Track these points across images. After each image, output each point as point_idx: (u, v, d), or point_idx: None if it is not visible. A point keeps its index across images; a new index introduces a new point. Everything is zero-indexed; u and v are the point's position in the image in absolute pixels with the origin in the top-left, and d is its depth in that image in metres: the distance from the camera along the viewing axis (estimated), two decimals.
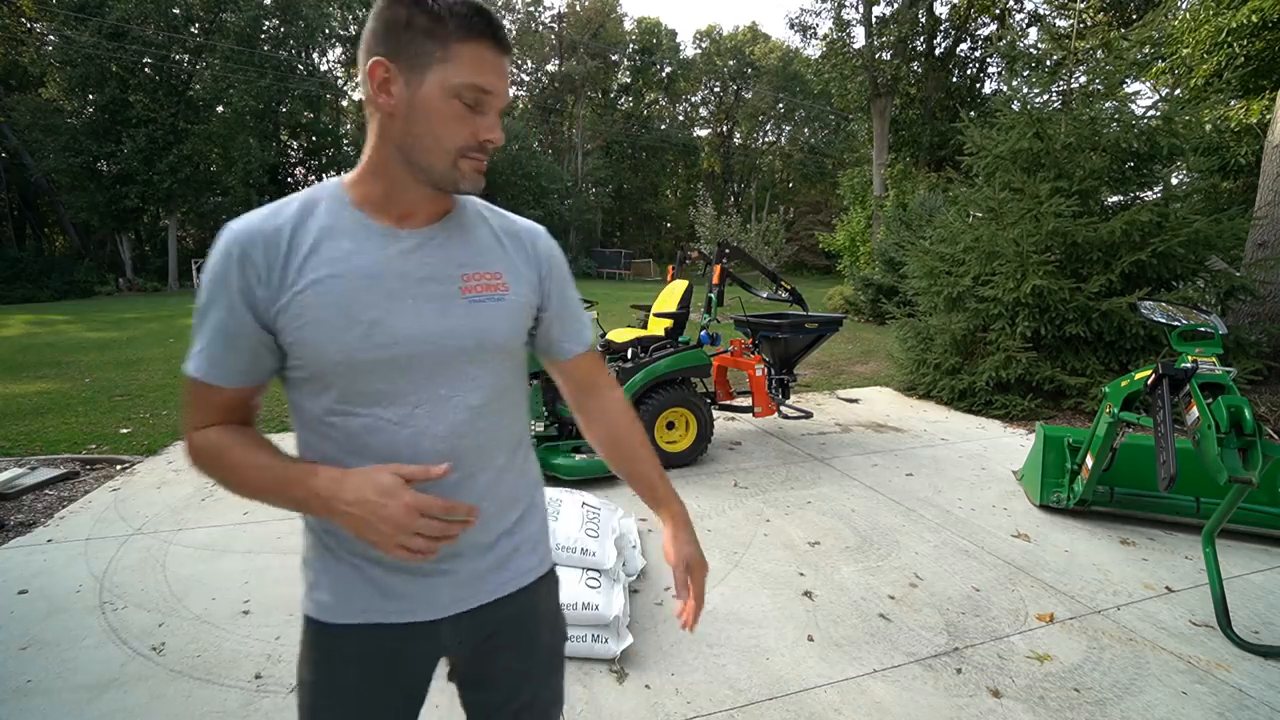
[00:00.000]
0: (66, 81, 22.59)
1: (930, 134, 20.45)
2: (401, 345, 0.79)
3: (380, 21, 0.74)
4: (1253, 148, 9.12)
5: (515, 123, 33.47)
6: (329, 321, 0.77)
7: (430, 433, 0.82)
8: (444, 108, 0.75)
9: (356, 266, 0.78)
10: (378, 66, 0.74)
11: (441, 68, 0.73)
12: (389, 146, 0.78)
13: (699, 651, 2.19)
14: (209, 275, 0.78)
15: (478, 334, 0.84)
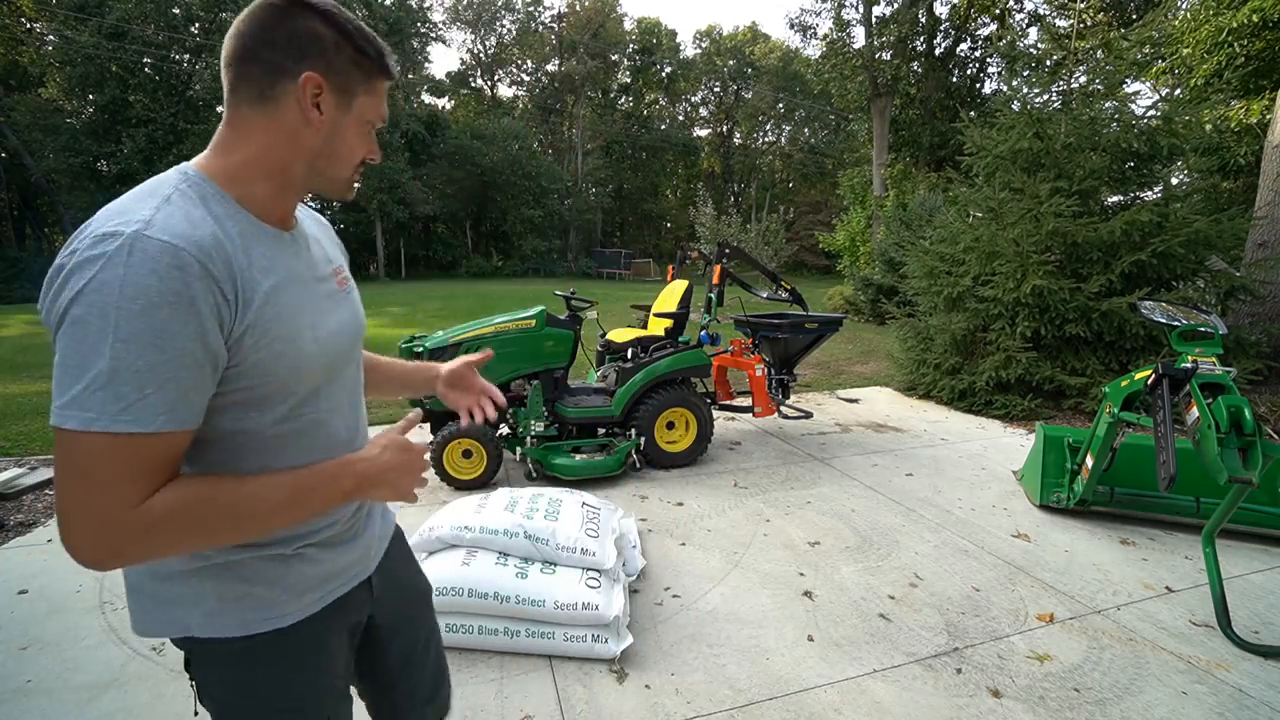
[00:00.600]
0: (66, 81, 22.61)
1: (930, 134, 20.44)
2: (333, 341, 0.85)
3: (296, 30, 0.74)
4: (1253, 148, 9.11)
5: (515, 123, 33.50)
6: (290, 335, 0.77)
7: (343, 412, 0.90)
8: (360, 131, 0.82)
9: (282, 271, 0.78)
10: (310, 82, 0.75)
11: (366, 99, 0.81)
12: (301, 154, 0.79)
13: (699, 651, 2.19)
14: (151, 294, 0.63)
15: (359, 319, 0.95)
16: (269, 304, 0.74)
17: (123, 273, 0.63)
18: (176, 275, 0.65)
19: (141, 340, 0.63)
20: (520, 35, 38.66)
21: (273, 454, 0.80)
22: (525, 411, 3.78)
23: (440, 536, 2.32)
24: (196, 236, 0.68)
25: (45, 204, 25.63)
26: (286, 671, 0.86)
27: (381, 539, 1.04)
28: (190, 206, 0.71)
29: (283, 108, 0.76)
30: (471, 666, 2.10)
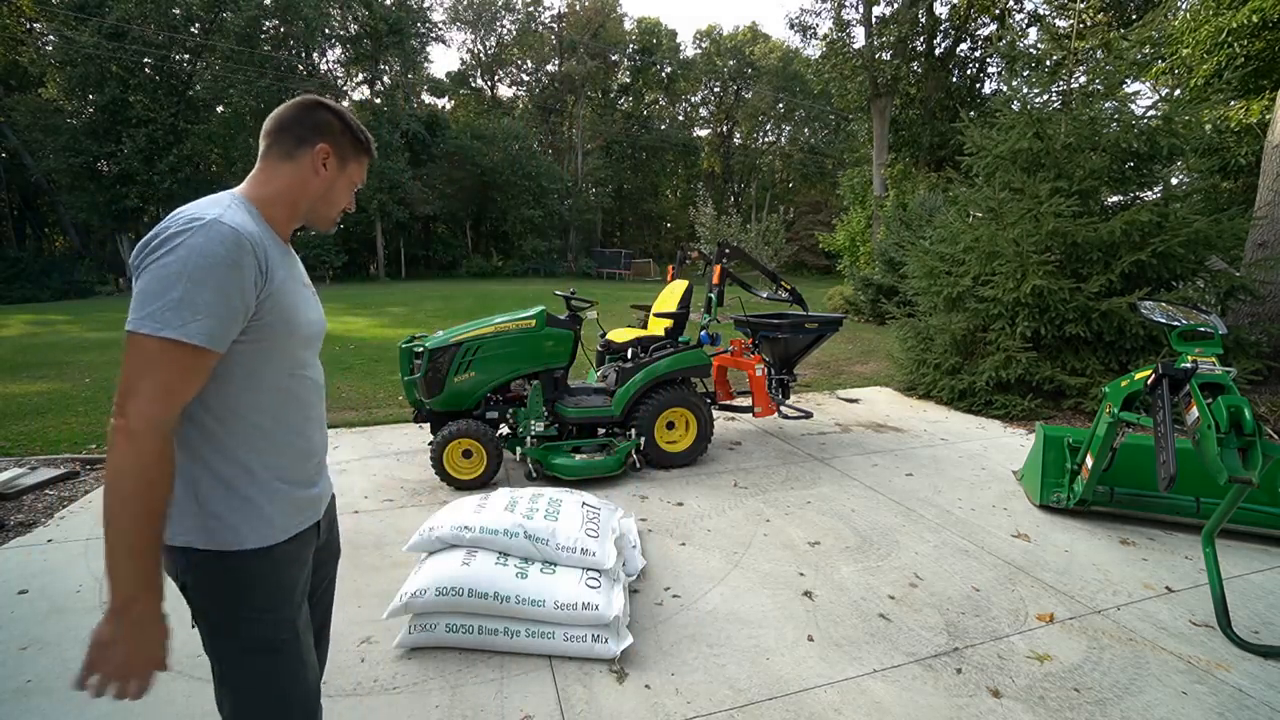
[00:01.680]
0: (66, 81, 22.60)
1: (930, 134, 20.43)
2: (317, 324, 1.22)
3: (318, 118, 1.16)
4: (1253, 148, 9.11)
5: (515, 123, 33.50)
6: (289, 312, 1.10)
7: (316, 381, 1.22)
8: (345, 188, 1.22)
9: (285, 270, 1.12)
10: (322, 151, 1.16)
11: (354, 166, 1.22)
12: (306, 195, 1.16)
13: (699, 651, 2.19)
14: (219, 257, 0.96)
15: (322, 315, 1.26)
16: (281, 287, 1.07)
17: (202, 241, 0.95)
18: (235, 249, 0.97)
19: (205, 284, 0.94)
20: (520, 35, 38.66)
21: (274, 394, 1.11)
22: (525, 411, 3.78)
23: (440, 536, 2.32)
24: (250, 229, 1.02)
25: (45, 204, 25.64)
26: (270, 581, 1.11)
27: (329, 493, 1.30)
28: (243, 213, 1.05)
29: (301, 164, 1.15)
30: (471, 666, 2.10)
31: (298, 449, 1.16)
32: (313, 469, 1.21)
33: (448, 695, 1.98)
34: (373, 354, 8.88)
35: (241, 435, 1.07)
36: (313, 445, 1.20)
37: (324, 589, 1.37)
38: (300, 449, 1.17)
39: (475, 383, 3.71)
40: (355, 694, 1.97)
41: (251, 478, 1.08)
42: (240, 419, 1.06)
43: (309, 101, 1.16)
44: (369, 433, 4.94)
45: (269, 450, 1.11)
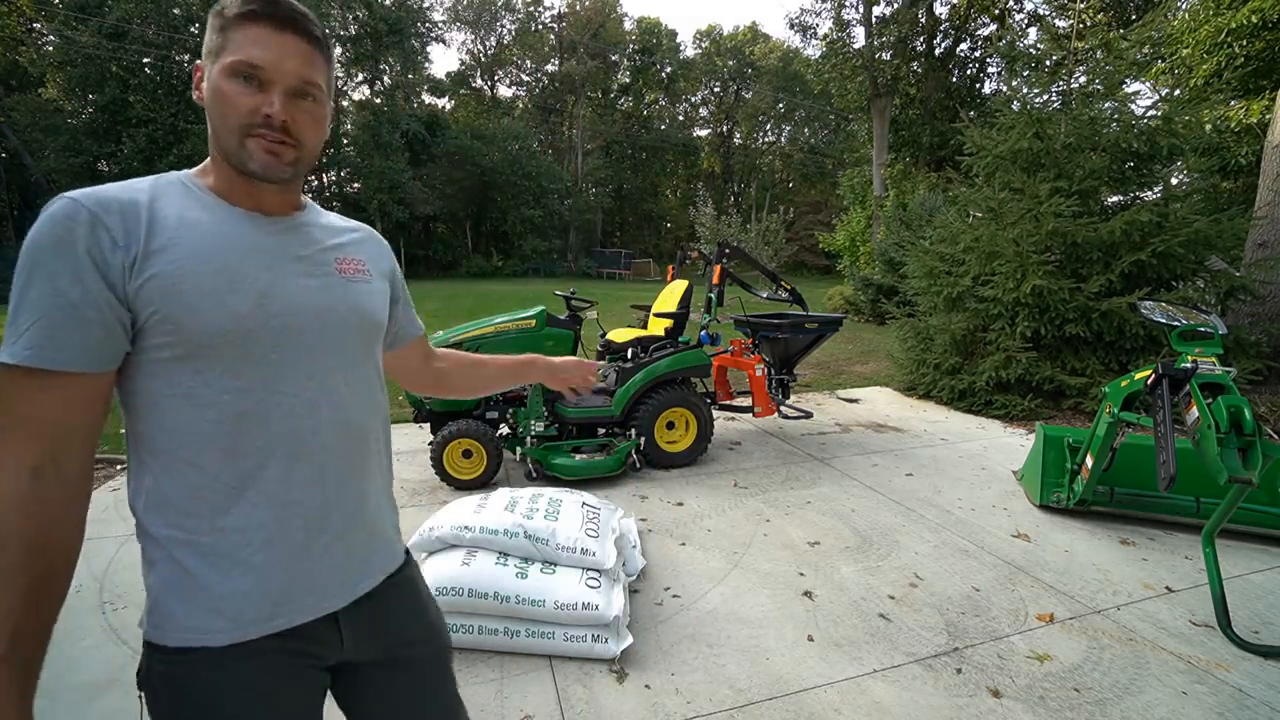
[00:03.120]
0: (66, 82, 22.60)
1: (930, 134, 20.43)
2: (293, 315, 0.80)
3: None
4: (1253, 148, 9.11)
5: (515, 123, 33.50)
6: (215, 289, 0.75)
7: (325, 403, 0.83)
8: (226, 87, 0.77)
9: (233, 238, 0.79)
10: (196, 69, 0.82)
11: (225, 53, 0.77)
12: (212, 131, 0.81)
13: (699, 651, 2.19)
14: (38, 242, 0.70)
15: (358, 310, 0.89)
16: (190, 259, 0.74)
17: (33, 230, 0.71)
18: (61, 222, 0.70)
19: (32, 283, 0.69)
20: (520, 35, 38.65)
21: (223, 444, 0.77)
22: (525, 411, 3.78)
23: (440, 536, 2.32)
24: (101, 195, 0.73)
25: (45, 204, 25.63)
26: (216, 700, 0.78)
27: (356, 575, 0.89)
28: (149, 182, 0.79)
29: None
30: (471, 666, 2.10)
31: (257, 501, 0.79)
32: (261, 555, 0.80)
33: None
34: None
35: (175, 480, 0.78)
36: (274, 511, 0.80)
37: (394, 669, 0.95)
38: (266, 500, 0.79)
39: None
40: None
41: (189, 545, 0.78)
42: (171, 457, 0.77)
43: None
44: None
45: (211, 506, 0.77)
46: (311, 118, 0.82)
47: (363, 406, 0.89)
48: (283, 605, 0.81)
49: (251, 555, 0.79)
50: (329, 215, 0.98)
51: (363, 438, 0.89)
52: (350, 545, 0.87)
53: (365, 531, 0.90)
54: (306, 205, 0.93)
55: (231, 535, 0.78)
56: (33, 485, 0.71)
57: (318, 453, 0.82)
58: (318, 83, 0.81)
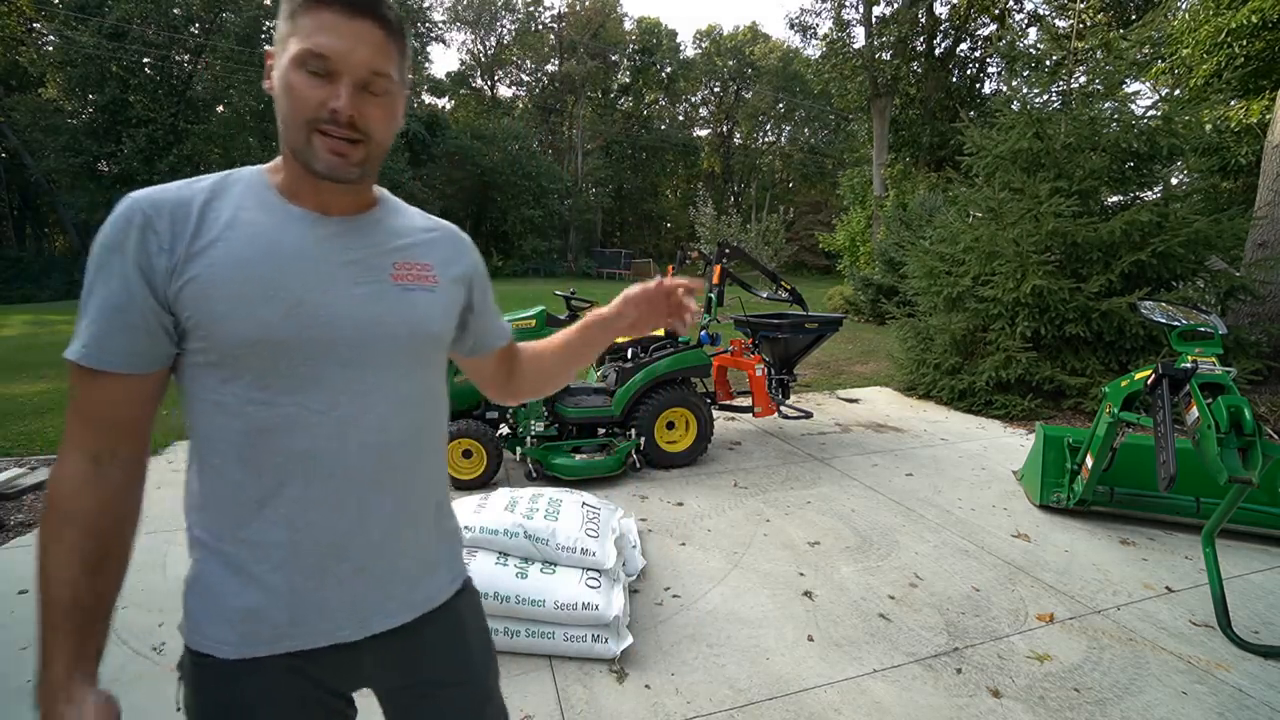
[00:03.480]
0: (66, 81, 22.61)
1: (930, 134, 20.42)
2: (329, 327, 0.75)
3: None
4: (1253, 148, 9.11)
5: (515, 123, 33.49)
6: (246, 296, 0.71)
7: (358, 423, 0.77)
8: (293, 79, 0.72)
9: (277, 243, 0.74)
10: (267, 58, 0.77)
11: (292, 41, 0.72)
12: (281, 132, 0.76)
13: (699, 651, 2.19)
14: (101, 243, 0.71)
15: (410, 322, 0.81)
16: (225, 264, 0.72)
17: (99, 232, 0.72)
18: (119, 225, 0.71)
19: (94, 284, 0.71)
20: (520, 35, 38.64)
21: (235, 444, 0.74)
22: (525, 411, 3.78)
23: None
24: (156, 196, 0.73)
25: (45, 204, 25.64)
26: (224, 710, 0.78)
27: (374, 611, 0.82)
28: (211, 180, 0.77)
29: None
30: None
31: (275, 519, 0.76)
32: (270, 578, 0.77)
33: None
34: None
35: (207, 484, 0.78)
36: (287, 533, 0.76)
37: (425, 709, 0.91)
38: (283, 520, 0.76)
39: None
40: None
41: (215, 552, 0.77)
42: (204, 462, 0.77)
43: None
44: None
45: (234, 516, 0.76)
46: (382, 110, 0.75)
47: (407, 427, 0.82)
48: (293, 628, 0.77)
49: (266, 573, 0.76)
50: (407, 213, 0.90)
51: (403, 462, 0.82)
52: (372, 579, 0.81)
53: (395, 564, 0.83)
54: (380, 201, 0.87)
55: (250, 549, 0.76)
56: (93, 469, 0.73)
57: (339, 476, 0.76)
58: (389, 73, 0.74)
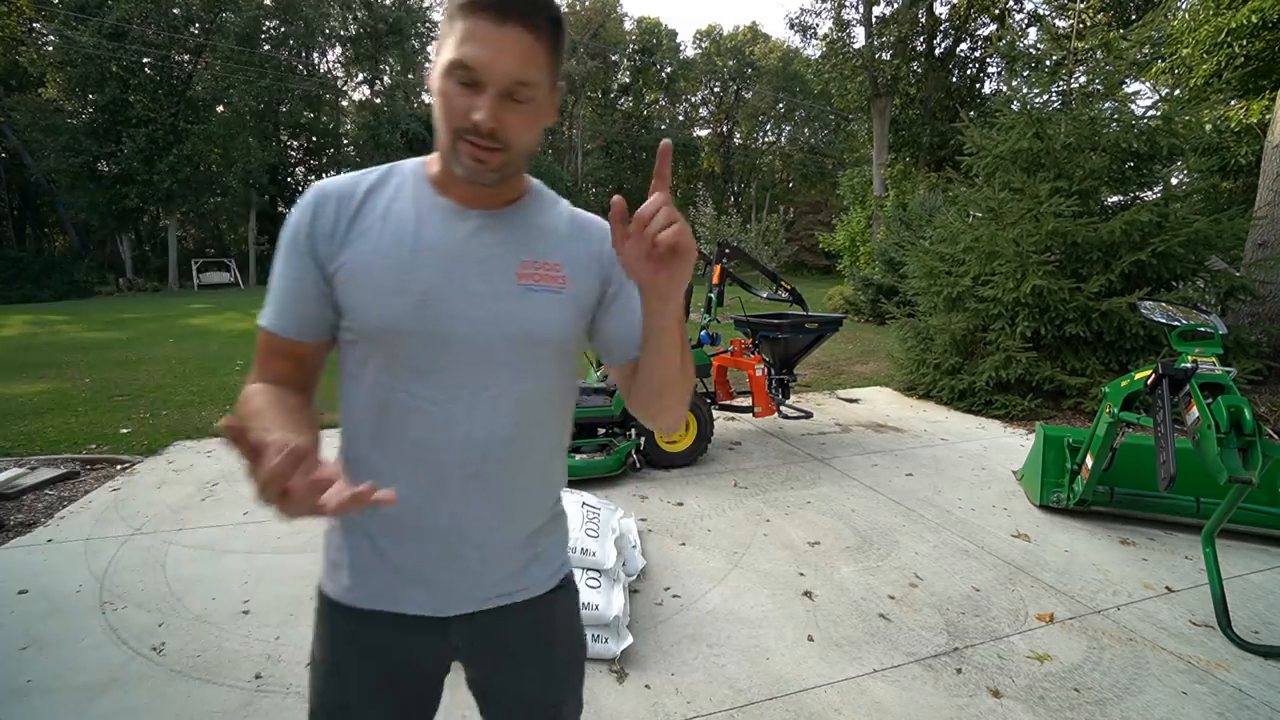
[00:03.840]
0: (66, 81, 22.62)
1: (930, 134, 20.42)
2: (448, 322, 0.78)
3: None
4: (1253, 148, 9.11)
5: None
6: (381, 286, 0.77)
7: (466, 417, 0.80)
8: (443, 86, 0.73)
9: (417, 235, 0.79)
10: (430, 71, 0.79)
11: (446, 47, 0.73)
12: (436, 131, 0.79)
13: (699, 651, 2.19)
14: (287, 225, 0.81)
15: (526, 323, 0.81)
16: (370, 253, 0.78)
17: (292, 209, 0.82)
18: (301, 209, 0.80)
19: (279, 258, 0.81)
20: None
21: (368, 419, 0.83)
22: None
23: None
24: (332, 184, 0.82)
25: (45, 204, 25.66)
26: (329, 644, 0.89)
27: (456, 597, 0.86)
28: (379, 171, 0.84)
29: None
30: None
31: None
32: (378, 541, 0.84)
33: (447, 694, 1.97)
34: None
35: (345, 443, 0.87)
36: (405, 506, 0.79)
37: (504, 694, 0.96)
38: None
39: None
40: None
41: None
42: (345, 423, 0.87)
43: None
44: None
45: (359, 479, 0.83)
46: (524, 118, 0.75)
47: (513, 426, 0.82)
48: (389, 592, 0.84)
49: (376, 538, 0.84)
50: (554, 208, 0.88)
51: (506, 459, 0.83)
52: (463, 564, 0.84)
53: (486, 554, 0.86)
54: (529, 193, 0.87)
55: (367, 514, 0.81)
56: (252, 389, 0.81)
57: (443, 466, 0.80)
58: (534, 82, 0.73)
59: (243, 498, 3.57)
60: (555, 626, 0.95)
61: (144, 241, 27.77)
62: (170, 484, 3.80)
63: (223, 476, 3.92)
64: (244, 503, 3.50)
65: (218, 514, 3.34)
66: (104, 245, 25.11)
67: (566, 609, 0.97)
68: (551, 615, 0.94)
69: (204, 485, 3.77)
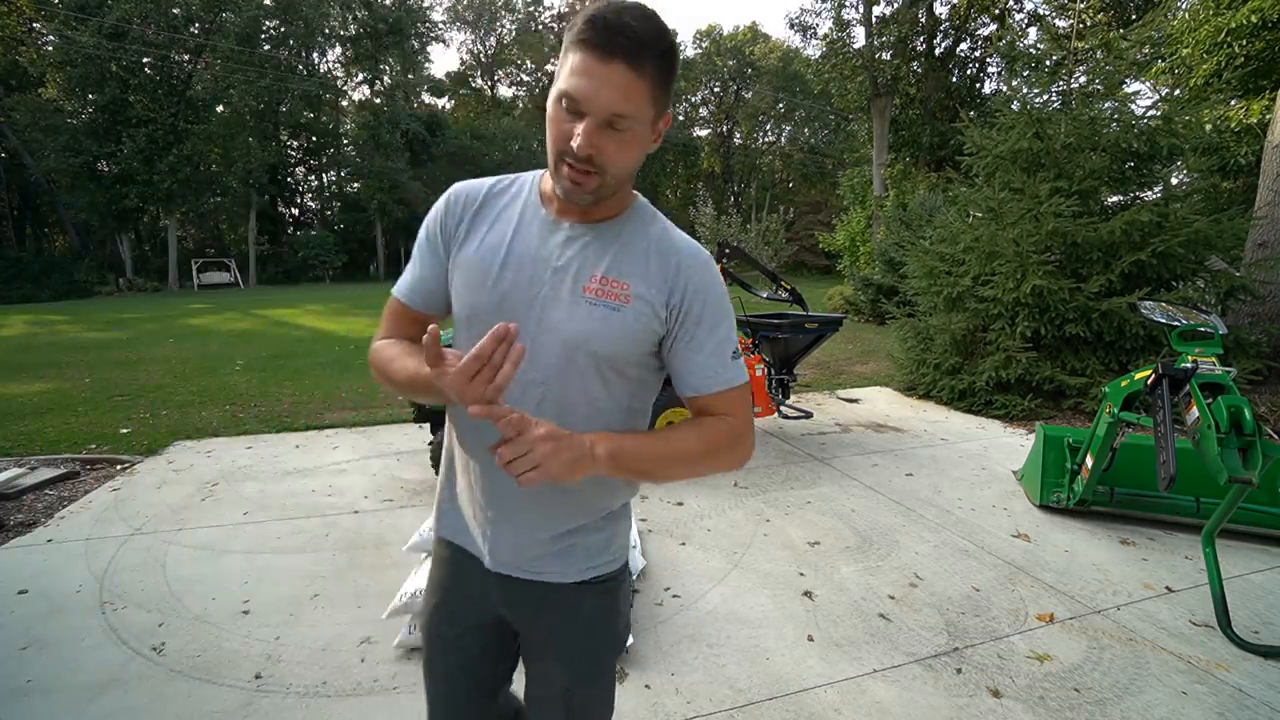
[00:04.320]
0: (66, 81, 22.62)
1: (930, 134, 20.42)
2: (518, 317, 0.84)
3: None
4: (1253, 148, 9.11)
5: (515, 123, 33.50)
6: (472, 283, 0.90)
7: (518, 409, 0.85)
8: (552, 111, 0.81)
9: (511, 241, 0.90)
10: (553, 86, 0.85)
11: (560, 75, 0.80)
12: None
13: (699, 651, 2.19)
14: (428, 216, 0.97)
15: (578, 334, 0.86)
16: (475, 252, 0.91)
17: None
18: (440, 203, 0.96)
19: (417, 240, 0.99)
20: (520, 35, 38.67)
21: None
22: None
23: None
24: (465, 185, 0.97)
25: (45, 204, 25.66)
26: (432, 564, 1.09)
27: (501, 557, 0.96)
28: (508, 179, 0.97)
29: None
30: None
31: (452, 458, 1.01)
32: (458, 491, 1.01)
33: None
34: None
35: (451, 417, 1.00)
36: (461, 467, 0.99)
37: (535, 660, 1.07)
38: (451, 460, 1.01)
39: None
40: (355, 694, 1.97)
41: (448, 463, 1.03)
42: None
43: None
44: (369, 433, 4.94)
45: (455, 435, 1.00)
46: (620, 145, 0.80)
47: (575, 429, 0.84)
48: (460, 531, 1.01)
49: (454, 482, 1.01)
50: (649, 228, 0.92)
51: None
52: (505, 533, 0.95)
53: (528, 532, 0.95)
54: (629, 211, 0.92)
55: (456, 462, 1.00)
56: (381, 343, 0.99)
57: (474, 439, 0.94)
58: (632, 115, 0.79)
59: (243, 498, 3.57)
60: (579, 618, 0.99)
61: (144, 241, 27.77)
62: (170, 484, 3.80)
63: (223, 476, 3.92)
64: (244, 503, 3.50)
65: (218, 514, 3.34)
66: (104, 245, 25.10)
67: (597, 606, 1.00)
68: (578, 606, 0.98)
69: (204, 485, 3.77)
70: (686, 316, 0.89)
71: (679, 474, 0.91)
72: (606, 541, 0.99)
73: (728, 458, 0.91)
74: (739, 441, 0.92)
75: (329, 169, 33.21)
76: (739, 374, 0.92)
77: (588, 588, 0.98)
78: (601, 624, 1.01)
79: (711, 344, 0.90)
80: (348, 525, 3.23)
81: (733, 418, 0.92)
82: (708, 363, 0.90)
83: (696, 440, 0.89)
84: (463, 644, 1.05)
